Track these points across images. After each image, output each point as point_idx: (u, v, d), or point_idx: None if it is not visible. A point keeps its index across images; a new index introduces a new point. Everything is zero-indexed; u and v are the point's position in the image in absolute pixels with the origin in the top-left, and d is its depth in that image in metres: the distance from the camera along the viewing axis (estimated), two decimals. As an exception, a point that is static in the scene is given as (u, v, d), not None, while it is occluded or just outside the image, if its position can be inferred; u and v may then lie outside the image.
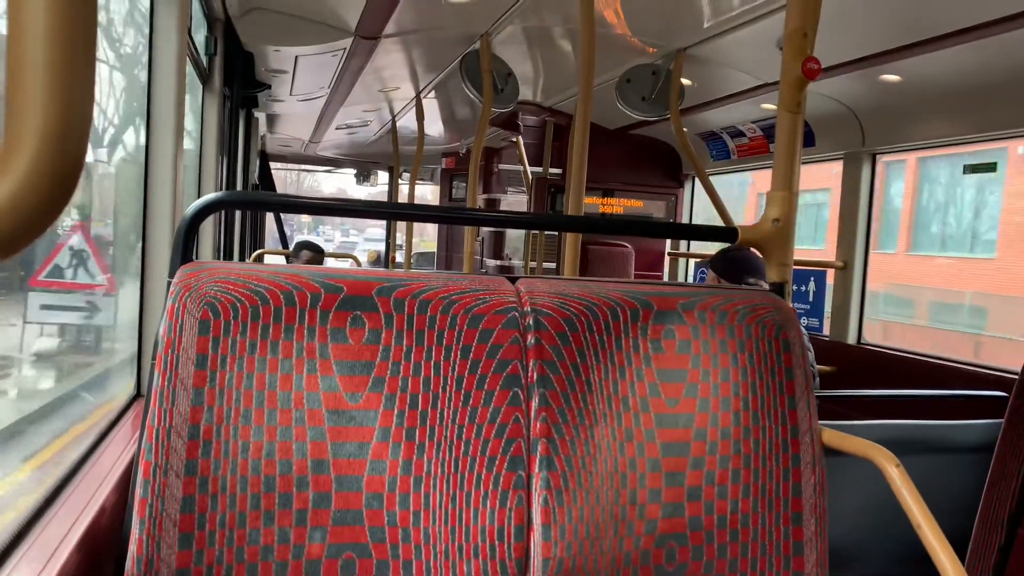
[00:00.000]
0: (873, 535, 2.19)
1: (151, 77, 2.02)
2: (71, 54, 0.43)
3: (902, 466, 1.28)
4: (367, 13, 3.34)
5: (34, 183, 0.43)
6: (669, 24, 3.50)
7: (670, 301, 1.40)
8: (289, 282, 1.23)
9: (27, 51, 0.42)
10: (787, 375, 1.42)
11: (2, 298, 1.68)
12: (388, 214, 3.26)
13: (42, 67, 0.42)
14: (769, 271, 1.61)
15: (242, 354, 1.18)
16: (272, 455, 1.17)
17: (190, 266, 1.24)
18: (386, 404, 1.22)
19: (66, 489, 1.38)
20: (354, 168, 10.79)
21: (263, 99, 5.46)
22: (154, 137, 2.00)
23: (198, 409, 1.15)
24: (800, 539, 1.38)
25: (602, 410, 1.31)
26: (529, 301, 1.32)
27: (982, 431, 2.38)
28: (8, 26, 0.43)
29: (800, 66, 1.52)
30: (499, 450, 1.24)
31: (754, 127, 4.74)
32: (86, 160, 0.47)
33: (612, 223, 4.28)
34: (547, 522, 1.23)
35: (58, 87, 0.43)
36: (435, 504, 1.21)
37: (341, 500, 1.18)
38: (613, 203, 5.94)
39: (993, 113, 3.22)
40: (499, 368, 1.27)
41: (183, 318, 1.17)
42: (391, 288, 1.26)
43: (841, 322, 4.06)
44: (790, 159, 1.58)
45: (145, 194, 1.97)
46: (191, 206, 1.30)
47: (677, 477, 1.33)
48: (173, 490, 1.12)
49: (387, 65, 4.54)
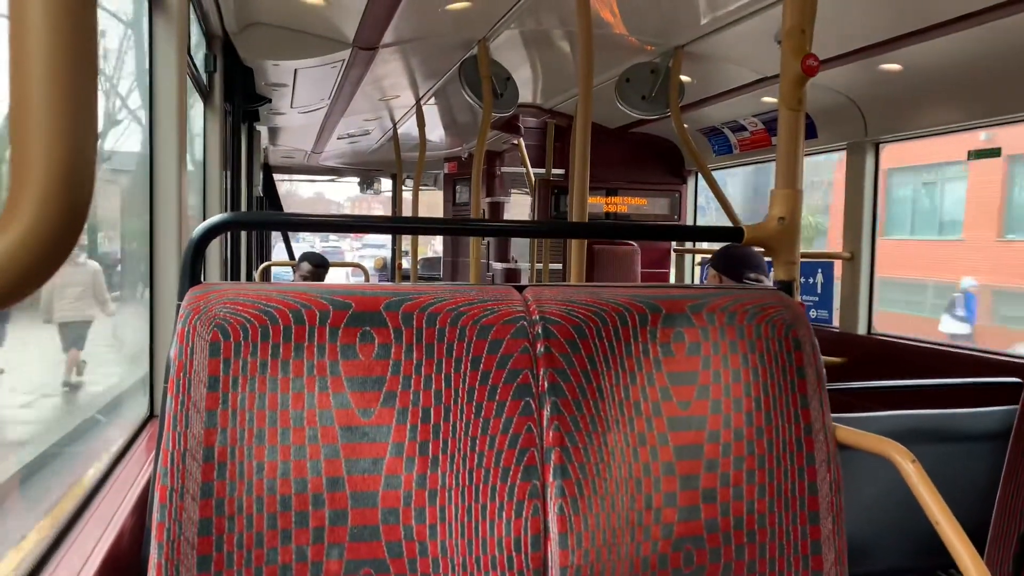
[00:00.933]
0: (890, 528, 2.18)
1: (152, 98, 2.04)
2: (73, 105, 0.43)
3: (918, 462, 1.28)
4: (364, 24, 3.34)
5: (39, 231, 0.43)
6: (666, 22, 3.49)
7: (678, 304, 1.40)
8: (298, 300, 1.23)
9: (30, 102, 0.43)
10: (798, 374, 1.41)
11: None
12: (394, 228, 3.25)
13: (45, 118, 0.43)
14: (776, 270, 1.61)
15: (253, 374, 1.18)
16: (287, 474, 1.17)
17: (198, 288, 1.24)
18: (398, 419, 1.22)
19: (85, 513, 1.39)
20: (357, 176, 10.82)
21: (264, 112, 5.48)
22: (157, 158, 2.01)
23: (212, 431, 1.15)
24: (818, 538, 1.37)
25: (614, 416, 1.31)
26: (537, 309, 1.33)
27: (997, 418, 2.36)
28: (10, 77, 0.44)
29: (799, 63, 1.52)
30: (513, 460, 1.24)
31: (755, 120, 4.73)
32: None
33: (617, 228, 4.28)
34: (563, 530, 1.23)
35: (61, 136, 0.43)
36: (451, 517, 1.21)
37: (357, 516, 1.19)
38: (617, 202, 5.94)
39: (994, 99, 3.21)
40: (510, 378, 1.27)
41: (193, 341, 1.17)
42: (399, 302, 1.27)
43: (850, 313, 4.04)
44: (793, 157, 1.57)
45: (151, 215, 1.98)
46: (197, 229, 1.30)
47: (692, 480, 1.33)
48: (190, 513, 1.13)
49: (386, 74, 4.55)
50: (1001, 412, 2.36)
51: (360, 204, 27.34)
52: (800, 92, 1.56)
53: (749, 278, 2.98)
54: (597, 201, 5.81)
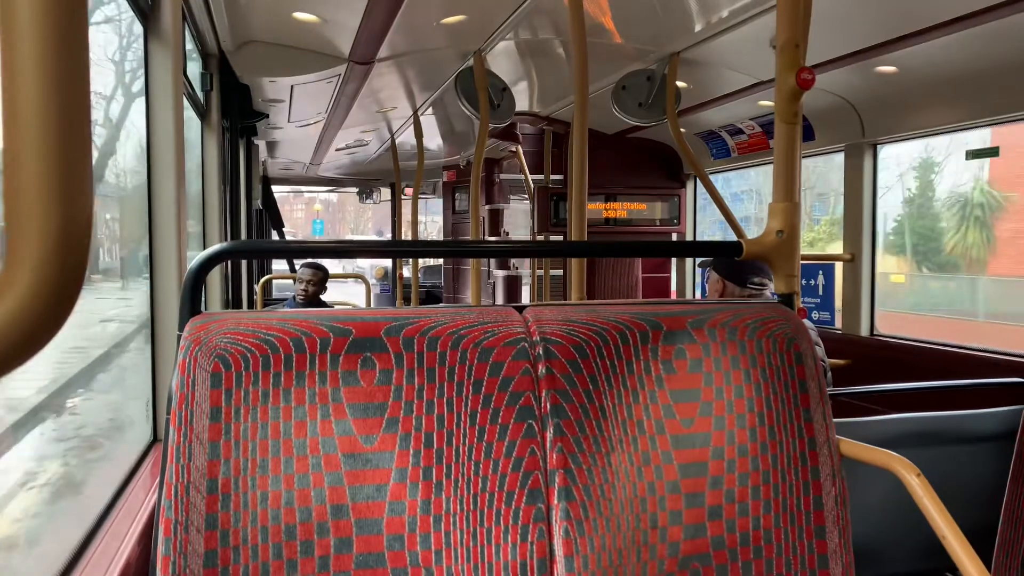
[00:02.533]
0: (895, 532, 2.18)
1: (149, 120, 2.04)
2: (67, 165, 0.44)
3: (923, 476, 1.28)
4: (359, 40, 3.35)
5: (37, 295, 0.43)
6: (661, 30, 3.50)
7: (679, 320, 1.40)
8: (298, 328, 1.23)
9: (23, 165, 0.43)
10: (801, 388, 1.41)
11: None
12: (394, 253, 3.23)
13: (38, 180, 0.43)
14: (776, 283, 1.60)
15: (255, 404, 1.18)
16: (291, 503, 1.17)
17: (199, 319, 1.24)
18: (401, 444, 1.22)
19: (92, 544, 1.39)
20: (356, 187, 10.83)
21: (262, 127, 5.49)
22: (155, 182, 2.01)
23: (215, 463, 1.15)
24: (824, 552, 1.37)
25: (618, 436, 1.31)
26: (538, 330, 1.33)
27: (1002, 419, 2.36)
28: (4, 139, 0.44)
29: (794, 77, 1.52)
30: (517, 484, 1.24)
31: (752, 124, 4.73)
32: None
33: (617, 247, 4.27)
34: (569, 553, 1.23)
35: (56, 198, 0.43)
36: (456, 542, 1.21)
37: (362, 543, 1.18)
38: (616, 207, 5.94)
39: (990, 99, 3.22)
40: (512, 400, 1.27)
41: (195, 372, 1.17)
42: (399, 327, 1.27)
43: (852, 315, 4.04)
44: (790, 170, 1.57)
45: (150, 240, 1.98)
46: (196, 259, 1.31)
47: (697, 498, 1.33)
48: (195, 546, 1.13)
49: (383, 87, 4.56)
50: (1006, 413, 2.36)
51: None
52: (796, 106, 1.56)
53: (754, 283, 2.98)
54: (596, 207, 5.81)
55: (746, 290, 3.02)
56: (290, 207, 26.97)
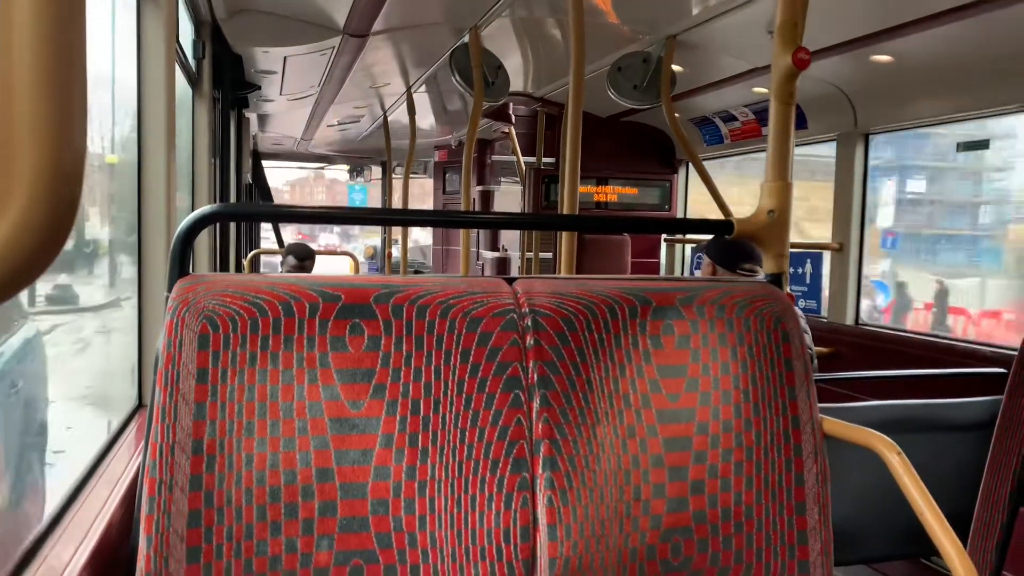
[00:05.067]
0: (875, 515, 2.21)
1: (140, 85, 2.01)
2: (61, 95, 0.43)
3: (903, 454, 1.29)
4: (355, 11, 3.32)
5: (29, 226, 0.43)
6: (658, 11, 3.49)
7: (668, 296, 1.40)
8: (287, 292, 1.23)
9: (17, 93, 0.42)
10: (786, 366, 1.42)
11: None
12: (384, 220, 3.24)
13: (32, 108, 0.42)
14: (766, 262, 1.61)
15: (242, 367, 1.18)
16: (276, 466, 1.17)
17: (187, 280, 1.23)
18: (388, 411, 1.22)
19: (74, 504, 1.38)
20: (347, 164, 10.78)
21: (253, 99, 5.44)
22: (145, 146, 1.99)
23: (201, 424, 1.15)
24: (804, 528, 1.39)
25: (604, 408, 1.32)
26: (527, 302, 1.33)
27: (982, 408, 2.39)
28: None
29: (791, 57, 1.52)
30: (502, 452, 1.25)
31: (746, 111, 4.74)
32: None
33: (607, 222, 4.29)
34: (552, 522, 1.24)
35: (50, 127, 0.43)
36: (440, 508, 1.21)
37: (347, 508, 1.19)
38: (607, 191, 5.94)
39: (984, 91, 3.23)
40: (499, 370, 1.27)
41: (182, 333, 1.17)
42: (389, 295, 1.27)
43: (839, 303, 4.07)
44: (784, 150, 1.58)
45: (139, 204, 1.96)
46: (185, 220, 1.30)
47: (680, 472, 1.34)
48: (179, 505, 1.13)
49: (376, 62, 4.52)
50: (986, 402, 2.39)
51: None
52: (791, 86, 1.56)
53: (744, 268, 2.99)
54: (588, 190, 5.80)
55: (736, 275, 3.03)
56: (310, 189, 26.61)
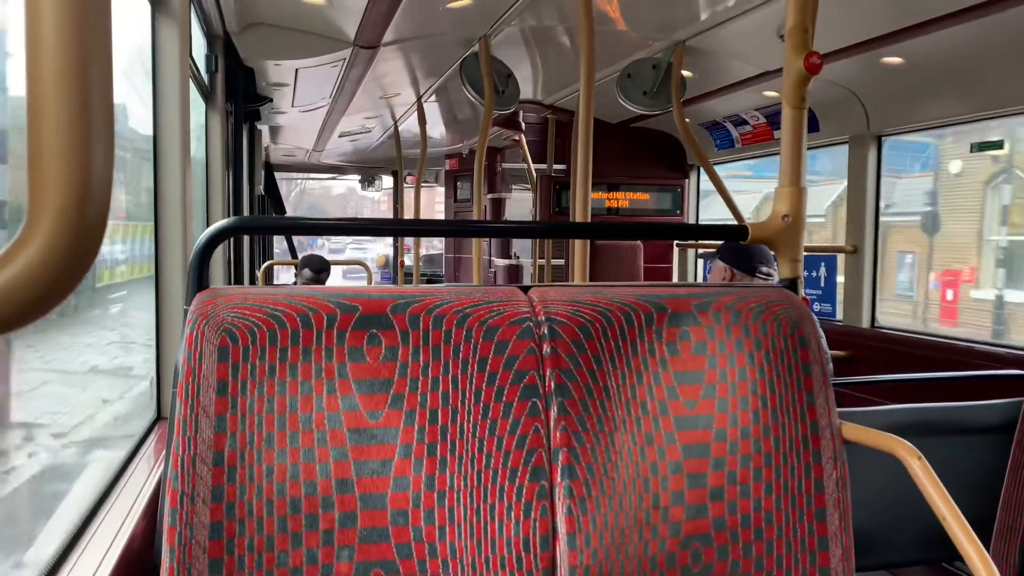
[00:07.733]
0: (896, 520, 2.19)
1: (155, 99, 2.04)
2: (89, 119, 0.44)
3: (924, 459, 1.28)
4: (365, 23, 3.34)
5: (56, 250, 0.44)
6: (667, 17, 3.49)
7: (684, 303, 1.40)
8: (305, 304, 1.24)
9: (46, 119, 0.43)
10: (804, 371, 1.42)
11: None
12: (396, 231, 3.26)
13: (61, 134, 0.43)
14: (780, 268, 1.61)
15: (262, 379, 1.19)
16: (296, 477, 1.18)
17: (206, 293, 1.25)
18: (406, 421, 1.23)
19: (97, 516, 1.40)
20: (358, 174, 10.83)
21: (265, 112, 5.48)
22: (161, 161, 2.01)
23: (221, 436, 1.16)
24: (825, 534, 1.38)
25: (621, 416, 1.31)
26: (543, 310, 1.33)
27: (1002, 411, 2.37)
28: (27, 96, 0.44)
29: (802, 61, 1.52)
30: (520, 461, 1.25)
31: (757, 115, 4.73)
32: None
33: (620, 228, 4.30)
34: (572, 530, 1.23)
35: (78, 154, 0.44)
36: (460, 518, 1.22)
37: (367, 518, 1.19)
38: (619, 197, 5.93)
39: (996, 91, 3.21)
40: (516, 379, 1.27)
41: (202, 346, 1.18)
42: (405, 305, 1.27)
43: (854, 306, 4.05)
44: (796, 154, 1.57)
45: (156, 218, 1.98)
46: (203, 234, 1.31)
47: (699, 478, 1.33)
48: (201, 517, 1.13)
49: (387, 72, 4.55)
50: (1006, 405, 2.36)
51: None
52: (803, 90, 1.55)
53: (762, 272, 2.98)
54: (599, 197, 5.80)
55: (755, 279, 3.01)
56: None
